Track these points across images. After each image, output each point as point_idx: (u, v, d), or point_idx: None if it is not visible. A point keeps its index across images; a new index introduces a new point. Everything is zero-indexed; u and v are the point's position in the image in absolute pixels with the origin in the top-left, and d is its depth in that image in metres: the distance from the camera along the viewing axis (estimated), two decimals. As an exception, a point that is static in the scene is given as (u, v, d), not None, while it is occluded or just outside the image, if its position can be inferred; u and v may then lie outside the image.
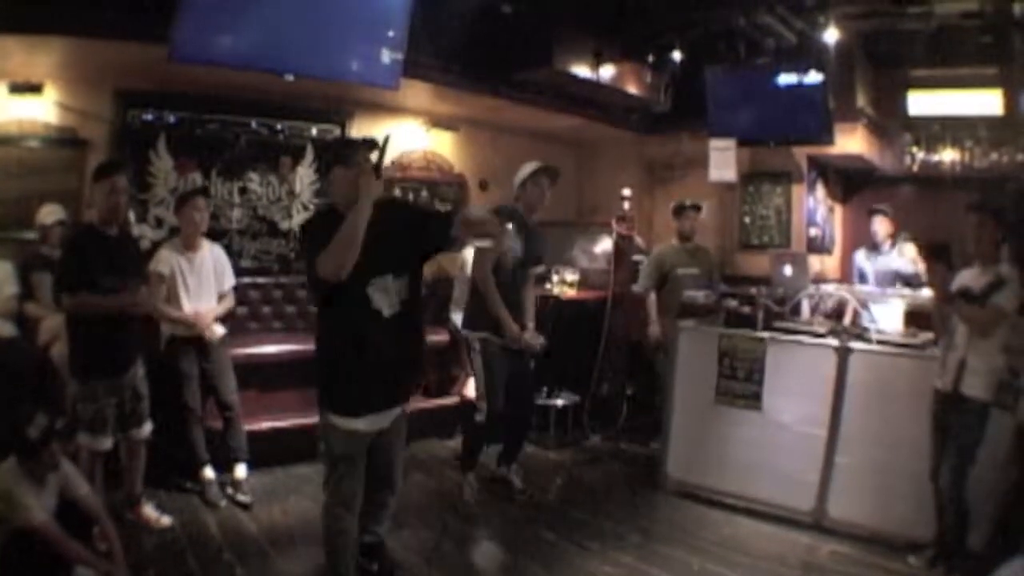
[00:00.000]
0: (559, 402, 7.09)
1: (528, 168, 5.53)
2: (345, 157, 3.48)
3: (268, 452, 5.83)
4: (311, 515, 5.01)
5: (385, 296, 3.44)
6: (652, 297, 6.92)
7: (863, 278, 6.99)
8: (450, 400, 7.07)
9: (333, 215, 3.40)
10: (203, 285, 5.45)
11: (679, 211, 7.07)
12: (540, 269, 6.02)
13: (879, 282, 6.86)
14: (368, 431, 3.55)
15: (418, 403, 6.56)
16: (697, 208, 7.12)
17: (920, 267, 6.63)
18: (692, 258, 6.96)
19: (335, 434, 3.53)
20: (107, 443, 4.62)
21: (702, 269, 6.93)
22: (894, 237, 7.01)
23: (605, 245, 7.94)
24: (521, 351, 5.49)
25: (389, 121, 7.89)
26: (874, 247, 7.10)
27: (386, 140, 3.43)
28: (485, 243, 4.72)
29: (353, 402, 3.49)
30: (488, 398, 5.43)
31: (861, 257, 7.26)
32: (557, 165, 5.75)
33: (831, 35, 6.96)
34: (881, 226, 7.04)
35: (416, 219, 3.69)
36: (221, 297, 5.58)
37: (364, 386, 3.48)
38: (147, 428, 4.89)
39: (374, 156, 3.41)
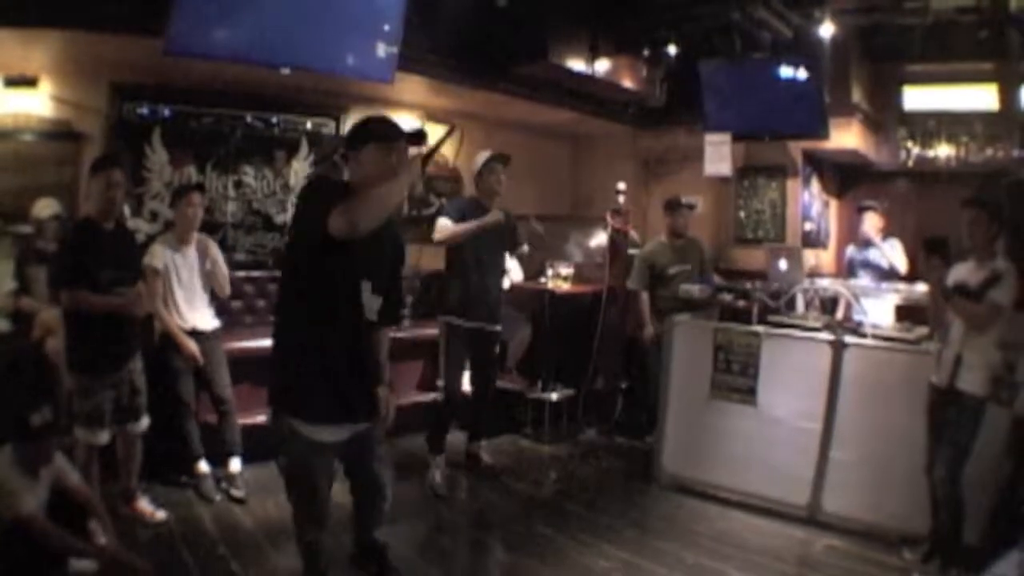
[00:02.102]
0: (553, 396, 7.09)
1: (481, 157, 5.82)
2: (385, 136, 3.19)
3: (263, 446, 5.81)
4: (306, 509, 5.05)
5: (369, 298, 3.24)
6: (644, 296, 6.90)
7: (853, 273, 7.01)
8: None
9: (343, 187, 3.15)
10: (195, 279, 5.44)
11: (674, 207, 7.03)
12: (522, 251, 6.31)
13: (869, 276, 6.88)
14: (332, 441, 3.24)
15: (410, 397, 6.57)
16: (692, 207, 7.12)
17: (899, 262, 6.68)
18: (682, 254, 6.92)
19: (295, 442, 3.20)
20: (104, 437, 4.60)
21: (693, 264, 6.90)
22: (884, 232, 7.02)
23: (600, 239, 7.94)
24: (487, 336, 5.82)
25: (385, 114, 7.89)
26: (866, 243, 7.11)
27: (442, 139, 3.28)
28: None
29: (317, 404, 3.17)
30: (445, 379, 5.74)
31: (852, 251, 7.30)
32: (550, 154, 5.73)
33: (826, 29, 6.96)
34: (871, 222, 7.04)
35: (397, 264, 3.52)
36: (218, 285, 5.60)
37: (335, 387, 3.17)
38: (144, 423, 4.88)
39: (421, 149, 3.17)
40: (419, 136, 3.31)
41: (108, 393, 4.58)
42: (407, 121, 8.01)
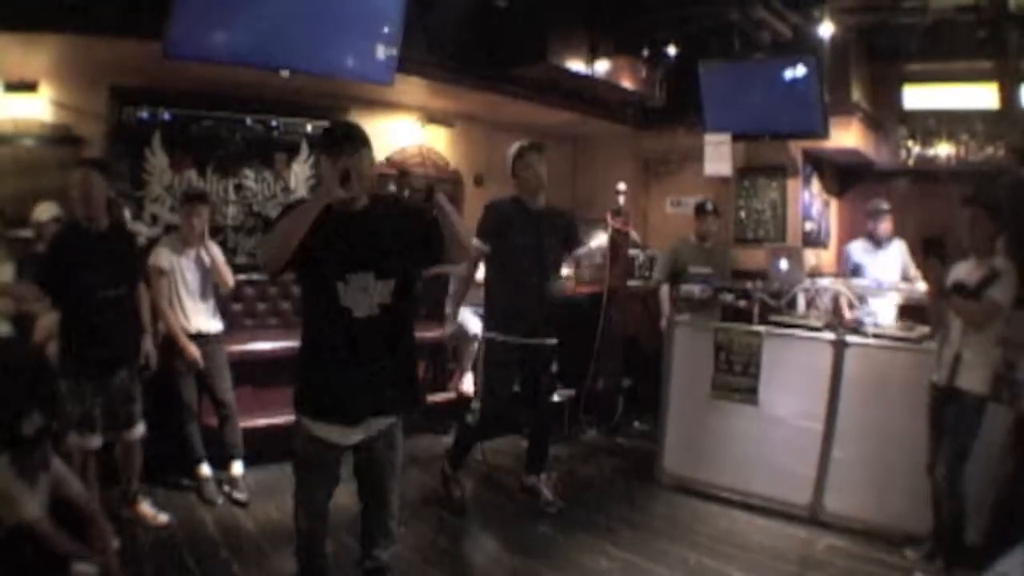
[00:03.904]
0: (554, 397, 7.07)
1: (512, 149, 5.21)
2: (326, 145, 3.15)
3: (264, 449, 5.82)
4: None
5: (361, 295, 3.10)
6: (665, 289, 6.92)
7: (857, 271, 6.85)
8: (446, 396, 7.07)
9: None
10: (202, 282, 5.44)
11: (699, 213, 7.03)
12: (581, 251, 5.77)
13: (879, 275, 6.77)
14: (334, 441, 3.21)
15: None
16: (716, 213, 7.10)
17: (909, 264, 6.66)
18: (707, 256, 6.91)
19: (299, 433, 3.24)
20: (96, 442, 4.59)
21: (716, 268, 6.87)
22: (892, 232, 6.94)
23: (600, 240, 7.94)
24: (536, 351, 5.29)
25: (384, 117, 7.89)
26: (876, 243, 6.90)
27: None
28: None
29: (314, 403, 3.21)
30: (484, 399, 5.32)
31: (859, 251, 7.02)
32: (550, 155, 5.44)
33: (826, 29, 6.96)
34: (883, 224, 6.91)
35: (415, 233, 3.28)
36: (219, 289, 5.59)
37: (328, 388, 3.17)
38: (139, 430, 4.88)
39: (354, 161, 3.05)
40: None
41: (97, 399, 4.58)
42: (408, 124, 8.04)
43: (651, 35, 7.76)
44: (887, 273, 6.56)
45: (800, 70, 7.44)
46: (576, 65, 7.25)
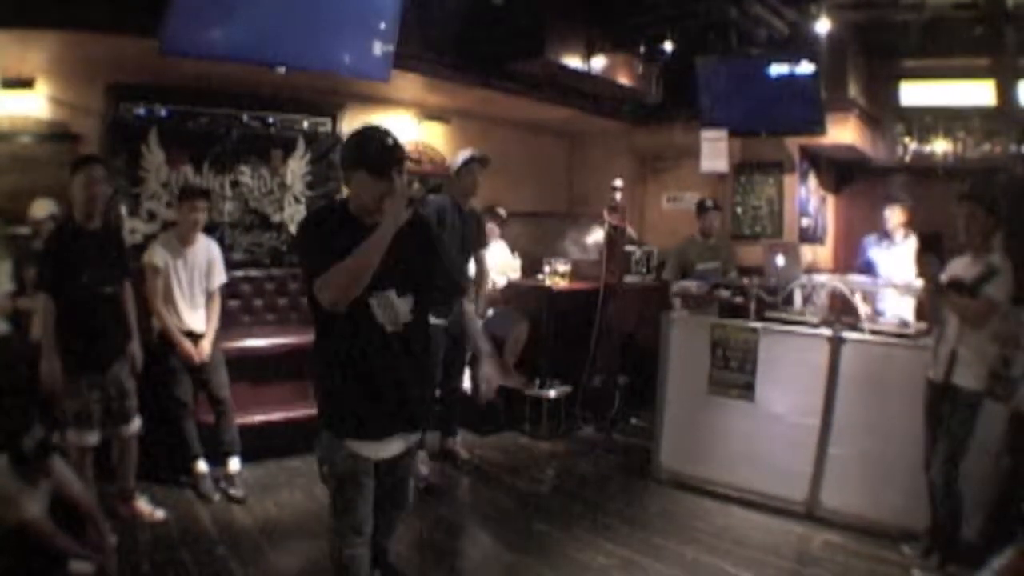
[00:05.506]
0: (552, 393, 7.08)
1: (460, 157, 5.68)
2: (375, 167, 3.02)
3: (260, 445, 5.82)
4: (304, 508, 5.10)
5: (388, 312, 3.08)
6: (675, 289, 6.90)
7: (871, 268, 6.75)
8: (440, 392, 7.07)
9: (343, 215, 3.12)
10: (195, 281, 5.43)
11: (701, 210, 7.03)
12: (483, 252, 5.95)
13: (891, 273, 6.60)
14: (376, 457, 3.17)
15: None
16: (718, 208, 7.10)
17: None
18: (713, 252, 6.93)
19: (339, 454, 3.13)
20: (93, 438, 4.59)
21: (723, 262, 6.92)
22: (908, 227, 6.78)
23: (597, 236, 7.93)
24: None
25: (381, 113, 7.87)
26: (885, 236, 6.85)
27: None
28: None
29: (359, 424, 3.12)
30: None
31: (873, 245, 6.96)
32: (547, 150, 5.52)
33: (823, 25, 6.97)
34: (892, 215, 6.87)
35: (430, 260, 3.30)
36: (209, 296, 5.55)
37: (369, 407, 3.11)
38: (135, 425, 4.88)
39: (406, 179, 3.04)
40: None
41: (94, 394, 4.58)
42: (405, 121, 8.03)
43: (648, 31, 7.74)
44: (899, 271, 6.47)
45: (797, 67, 7.44)
46: (573, 61, 7.25)
